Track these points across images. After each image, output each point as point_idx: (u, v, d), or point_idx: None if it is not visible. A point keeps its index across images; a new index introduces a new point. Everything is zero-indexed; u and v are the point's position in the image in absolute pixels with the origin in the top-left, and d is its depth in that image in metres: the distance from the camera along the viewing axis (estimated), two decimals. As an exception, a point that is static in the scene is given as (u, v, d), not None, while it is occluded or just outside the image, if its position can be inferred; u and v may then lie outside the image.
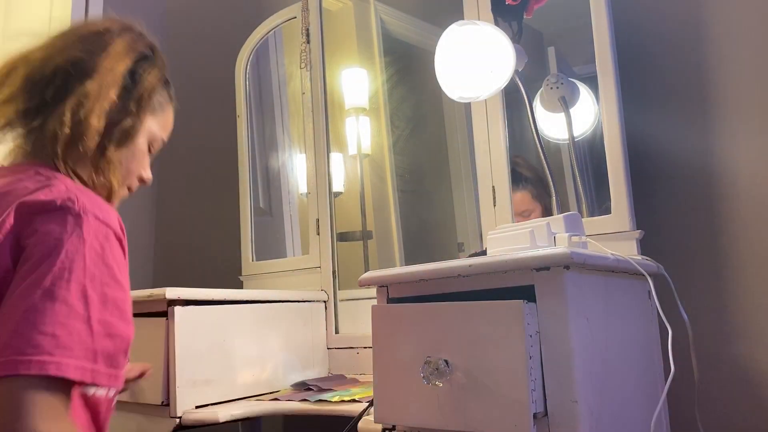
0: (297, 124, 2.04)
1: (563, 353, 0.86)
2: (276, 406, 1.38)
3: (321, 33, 1.93)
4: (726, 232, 1.28)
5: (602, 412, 0.89)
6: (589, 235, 1.18)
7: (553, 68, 1.52)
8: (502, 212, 1.44)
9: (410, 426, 0.96)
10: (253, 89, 2.16)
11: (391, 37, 2.03)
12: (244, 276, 2.00)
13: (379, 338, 1.01)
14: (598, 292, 0.96)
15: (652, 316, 1.12)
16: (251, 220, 2.04)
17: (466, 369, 0.89)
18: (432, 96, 1.83)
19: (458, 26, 1.25)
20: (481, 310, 0.90)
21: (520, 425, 0.84)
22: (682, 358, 0.99)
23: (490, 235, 1.10)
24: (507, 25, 1.32)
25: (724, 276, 1.27)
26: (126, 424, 1.42)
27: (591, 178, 1.42)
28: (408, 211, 1.91)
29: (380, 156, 1.93)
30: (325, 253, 1.81)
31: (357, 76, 1.95)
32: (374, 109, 1.94)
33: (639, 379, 1.05)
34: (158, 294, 1.36)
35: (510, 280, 0.92)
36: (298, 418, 1.94)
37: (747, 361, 1.23)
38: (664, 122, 1.37)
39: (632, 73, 1.38)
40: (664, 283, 1.09)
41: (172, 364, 1.34)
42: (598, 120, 1.37)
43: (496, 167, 1.46)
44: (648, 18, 1.42)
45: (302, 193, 1.99)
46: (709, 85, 1.32)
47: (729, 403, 1.24)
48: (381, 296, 1.09)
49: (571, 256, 0.86)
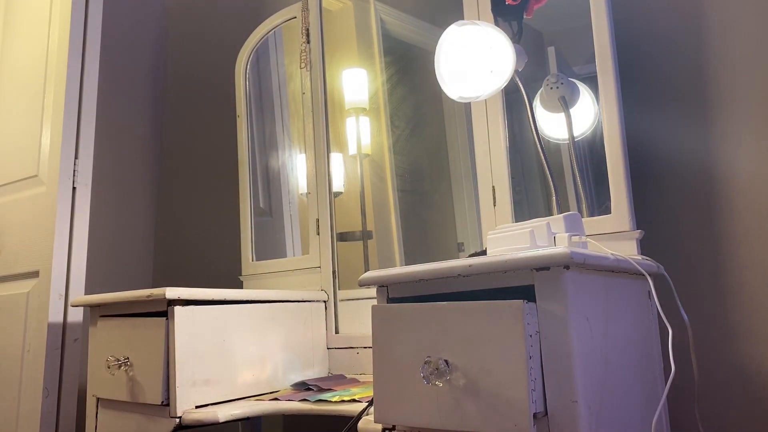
0: (297, 124, 2.04)
1: (563, 353, 0.86)
2: (276, 406, 1.38)
3: (321, 33, 1.93)
4: (726, 232, 1.28)
5: (602, 412, 0.89)
6: (589, 235, 1.18)
7: (553, 68, 1.52)
8: (502, 212, 1.44)
9: (410, 426, 0.96)
10: (253, 89, 2.16)
11: (391, 37, 2.03)
12: (244, 276, 2.00)
13: (379, 338, 1.01)
14: (598, 292, 0.96)
15: (652, 316, 1.12)
16: (251, 220, 2.04)
17: (466, 369, 0.89)
18: (432, 96, 1.83)
19: (458, 26, 1.25)
20: (481, 310, 0.90)
21: (520, 425, 0.84)
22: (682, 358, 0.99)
23: (490, 235, 1.10)
24: (507, 25, 1.33)
25: (724, 276, 1.27)
26: (126, 424, 1.43)
27: (591, 178, 1.42)
28: (408, 211, 1.91)
29: (380, 156, 1.93)
30: (325, 253, 1.81)
31: (357, 76, 1.95)
32: (374, 109, 1.93)
33: (639, 379, 1.05)
34: (158, 294, 1.36)
35: (510, 280, 0.92)
36: (298, 418, 1.94)
37: (747, 361, 1.23)
38: (664, 122, 1.37)
39: (632, 73, 1.38)
40: (664, 283, 1.09)
41: (172, 364, 1.34)
42: (598, 120, 1.37)
43: (496, 167, 1.46)
44: (648, 18, 1.42)
45: (302, 193, 1.99)
46: (709, 85, 1.32)
47: (729, 403, 1.24)
48: (381, 296, 1.09)
49: (571, 256, 0.86)
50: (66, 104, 1.94)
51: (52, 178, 1.90)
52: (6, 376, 1.87)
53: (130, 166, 2.45)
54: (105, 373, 1.45)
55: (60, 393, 1.77)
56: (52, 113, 1.96)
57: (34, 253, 1.89)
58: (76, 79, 1.97)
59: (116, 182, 2.38)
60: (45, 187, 1.92)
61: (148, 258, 2.45)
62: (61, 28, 2.00)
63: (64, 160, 1.90)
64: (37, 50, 2.09)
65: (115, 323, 1.48)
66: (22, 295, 1.90)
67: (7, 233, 2.03)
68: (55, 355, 1.77)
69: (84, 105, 1.98)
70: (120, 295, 1.45)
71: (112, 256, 2.32)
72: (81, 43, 2.00)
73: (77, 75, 1.98)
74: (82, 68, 1.99)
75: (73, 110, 1.95)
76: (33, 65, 2.10)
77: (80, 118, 1.97)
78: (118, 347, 1.45)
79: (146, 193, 2.48)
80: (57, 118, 1.94)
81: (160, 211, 2.51)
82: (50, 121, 1.96)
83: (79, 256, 1.90)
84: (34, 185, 1.97)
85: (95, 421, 1.51)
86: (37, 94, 2.05)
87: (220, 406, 1.37)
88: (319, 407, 1.30)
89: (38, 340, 1.79)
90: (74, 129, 1.95)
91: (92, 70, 2.01)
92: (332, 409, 1.28)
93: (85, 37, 2.02)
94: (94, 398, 1.51)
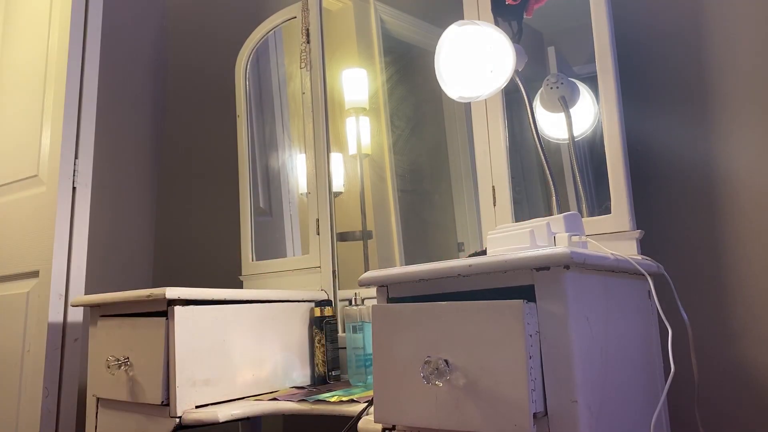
0: (297, 124, 2.04)
1: (563, 353, 0.86)
2: (276, 405, 1.38)
3: (321, 33, 1.93)
4: (726, 232, 1.28)
5: (602, 411, 0.89)
6: (589, 235, 1.18)
7: (553, 68, 1.52)
8: (502, 212, 1.44)
9: (410, 426, 0.96)
10: (253, 89, 2.16)
11: (391, 37, 2.03)
12: (244, 276, 2.00)
13: (379, 338, 1.01)
14: (598, 291, 0.96)
15: (652, 316, 1.12)
16: (251, 220, 2.04)
17: (466, 369, 0.89)
18: (432, 96, 1.83)
19: (458, 26, 1.25)
20: (481, 310, 0.90)
21: (520, 425, 0.84)
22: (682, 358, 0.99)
23: (490, 235, 1.10)
24: (507, 25, 1.33)
25: (724, 276, 1.27)
26: (126, 424, 1.43)
27: (591, 177, 1.42)
28: (408, 211, 1.91)
29: (380, 156, 1.93)
30: (325, 253, 1.81)
31: (357, 76, 1.95)
32: (374, 109, 1.93)
33: (639, 379, 1.05)
34: (158, 294, 1.36)
35: (510, 280, 0.92)
36: (298, 418, 1.94)
37: (747, 361, 1.23)
38: (664, 122, 1.37)
39: (632, 73, 1.38)
40: (664, 283, 1.09)
41: (172, 364, 1.34)
42: (598, 120, 1.37)
43: (496, 167, 1.46)
44: (648, 18, 1.42)
45: (302, 193, 1.99)
46: (710, 84, 1.32)
47: (729, 403, 1.24)
48: (381, 296, 1.09)
49: (571, 255, 0.86)
50: (66, 104, 1.94)
51: (52, 178, 1.90)
52: (6, 376, 1.87)
53: (130, 166, 2.45)
54: (105, 373, 1.45)
55: (60, 393, 1.77)
56: (52, 113, 1.96)
57: (34, 253, 1.89)
58: (76, 79, 1.97)
59: (116, 182, 2.38)
60: (45, 187, 1.92)
61: (148, 258, 2.45)
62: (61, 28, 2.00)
63: (64, 160, 1.90)
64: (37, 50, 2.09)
65: (115, 323, 1.48)
66: (22, 295, 1.90)
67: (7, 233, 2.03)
68: (55, 355, 1.77)
69: (84, 105, 1.98)
70: (120, 295, 1.45)
71: (112, 256, 2.32)
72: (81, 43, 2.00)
73: (77, 75, 1.98)
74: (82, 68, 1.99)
75: (73, 110, 1.95)
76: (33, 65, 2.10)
77: (80, 118, 1.97)
78: (118, 347, 1.45)
79: (146, 193, 2.48)
80: (57, 118, 1.94)
81: (160, 211, 2.51)
82: (50, 121, 1.96)
83: (79, 256, 1.90)
84: (34, 185, 1.97)
85: (95, 421, 1.51)
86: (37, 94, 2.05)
87: (219, 406, 1.37)
88: (319, 407, 1.30)
89: (38, 340, 1.79)
90: (74, 129, 1.95)
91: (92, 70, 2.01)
92: (331, 409, 1.28)
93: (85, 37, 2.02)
94: (94, 398, 1.51)
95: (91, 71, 2.01)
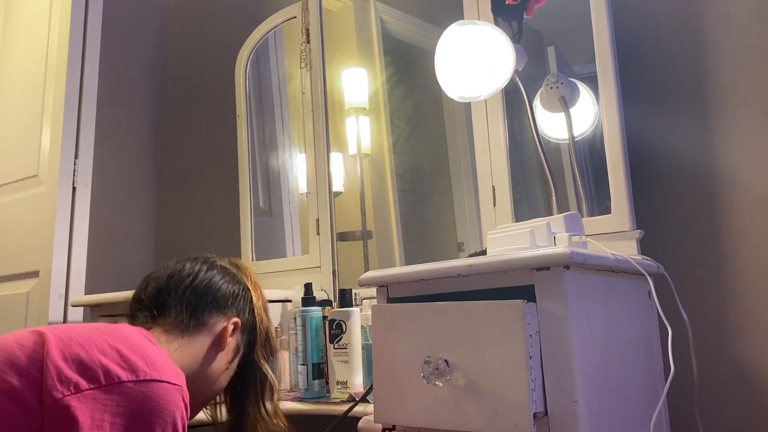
0: (297, 124, 2.04)
1: (563, 353, 0.86)
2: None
3: (321, 33, 1.93)
4: (726, 232, 1.28)
5: (602, 411, 0.89)
6: (589, 234, 1.18)
7: (553, 68, 1.52)
8: (502, 212, 1.44)
9: (410, 426, 0.96)
10: (253, 89, 2.16)
11: (391, 37, 2.03)
12: (244, 276, 2.00)
13: (379, 338, 1.01)
14: (598, 291, 0.96)
15: (652, 316, 1.12)
16: (251, 220, 2.04)
17: (466, 369, 0.89)
18: (432, 96, 1.83)
19: (458, 26, 1.25)
20: (481, 310, 0.90)
21: (520, 425, 0.84)
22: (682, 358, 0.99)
23: (490, 235, 1.10)
24: (507, 25, 1.33)
25: (724, 276, 1.27)
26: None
27: (591, 177, 1.42)
28: (408, 211, 1.91)
29: (380, 156, 1.93)
30: (325, 253, 1.81)
31: (357, 75, 1.95)
32: (374, 109, 1.93)
33: (639, 379, 1.05)
34: (158, 294, 1.35)
35: (510, 280, 0.92)
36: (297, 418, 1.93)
37: (747, 361, 1.23)
38: (664, 122, 1.37)
39: (632, 72, 1.38)
40: (664, 283, 1.09)
41: (171, 364, 1.34)
42: (598, 120, 1.37)
43: (496, 167, 1.46)
44: (648, 18, 1.41)
45: (302, 193, 1.99)
46: (709, 84, 1.32)
47: (729, 403, 1.24)
48: (381, 296, 1.09)
49: (571, 255, 0.86)
50: (66, 104, 1.94)
51: (52, 178, 1.90)
52: (6, 376, 1.87)
53: (130, 166, 2.45)
54: (105, 373, 1.45)
55: (60, 393, 1.76)
56: (52, 113, 1.96)
57: (34, 253, 1.89)
58: (76, 78, 1.97)
59: (116, 182, 2.38)
60: (45, 187, 1.93)
61: (148, 258, 2.45)
62: (61, 28, 2.00)
63: (64, 160, 1.91)
64: (37, 50, 2.09)
65: (115, 323, 1.47)
66: (22, 295, 1.90)
67: (7, 233, 2.03)
68: (55, 355, 1.77)
69: (84, 105, 1.98)
70: (120, 295, 1.45)
71: (112, 256, 2.31)
72: (81, 43, 2.00)
73: (77, 75, 1.98)
74: (82, 68, 2.00)
75: (73, 110, 1.96)
76: (33, 65, 2.10)
77: (80, 118, 1.97)
78: (118, 347, 1.44)
79: (146, 193, 2.48)
80: (57, 118, 1.94)
81: (160, 211, 2.51)
82: (50, 121, 1.96)
83: (79, 256, 1.90)
84: (34, 185, 1.97)
85: (95, 421, 1.50)
86: (37, 93, 2.05)
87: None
88: (318, 407, 1.30)
89: (38, 340, 1.78)
90: (74, 129, 1.95)
91: (92, 69, 2.02)
92: (331, 408, 1.28)
93: (85, 37, 2.02)
94: (94, 398, 1.51)
95: (91, 71, 2.01)
